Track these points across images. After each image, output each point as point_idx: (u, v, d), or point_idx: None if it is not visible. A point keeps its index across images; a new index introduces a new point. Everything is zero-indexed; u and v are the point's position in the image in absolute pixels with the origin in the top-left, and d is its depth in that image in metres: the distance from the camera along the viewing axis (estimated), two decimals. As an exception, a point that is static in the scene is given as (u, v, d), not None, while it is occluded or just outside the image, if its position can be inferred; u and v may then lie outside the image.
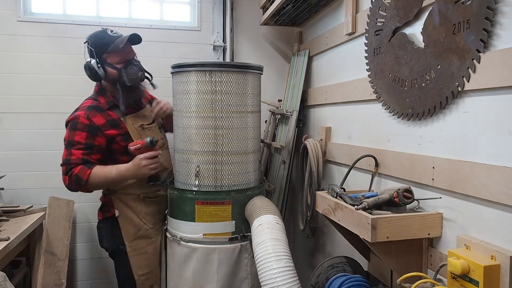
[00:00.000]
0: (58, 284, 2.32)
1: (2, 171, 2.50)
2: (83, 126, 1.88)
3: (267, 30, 2.92)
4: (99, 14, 2.73)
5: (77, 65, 2.61)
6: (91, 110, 1.93)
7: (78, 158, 1.87)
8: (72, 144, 1.88)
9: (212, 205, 1.87)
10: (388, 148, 1.63)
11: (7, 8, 2.53)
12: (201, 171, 1.90)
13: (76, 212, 2.65)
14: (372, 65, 1.71)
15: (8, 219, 2.21)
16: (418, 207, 1.40)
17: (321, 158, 2.10)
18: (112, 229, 1.96)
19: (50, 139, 2.62)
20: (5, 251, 1.83)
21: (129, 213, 1.95)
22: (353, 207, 1.36)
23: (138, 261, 1.97)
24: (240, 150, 1.93)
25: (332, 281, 1.57)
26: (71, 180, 1.87)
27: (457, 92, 1.24)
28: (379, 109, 1.68)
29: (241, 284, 1.88)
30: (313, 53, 2.47)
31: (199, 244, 1.86)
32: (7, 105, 2.56)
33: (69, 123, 1.92)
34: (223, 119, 1.88)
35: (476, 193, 1.16)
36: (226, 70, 1.88)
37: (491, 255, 1.08)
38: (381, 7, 1.63)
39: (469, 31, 1.17)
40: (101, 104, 1.97)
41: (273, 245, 1.61)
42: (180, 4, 2.91)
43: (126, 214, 1.95)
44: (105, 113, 1.95)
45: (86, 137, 1.88)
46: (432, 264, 1.36)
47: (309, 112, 2.56)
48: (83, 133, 1.88)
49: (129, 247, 1.95)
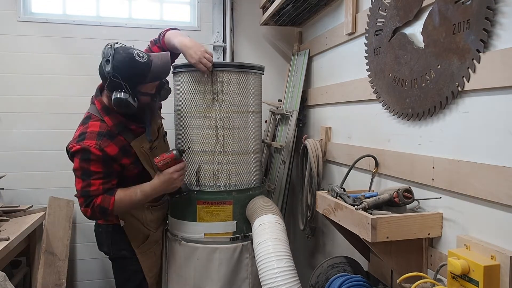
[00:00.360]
0: (58, 284, 2.33)
1: (2, 171, 2.50)
2: (97, 158, 1.66)
3: (267, 30, 2.92)
4: (99, 14, 2.73)
5: (77, 65, 2.63)
6: (102, 139, 1.68)
7: (99, 189, 1.68)
8: (90, 175, 1.67)
9: (213, 205, 1.87)
10: (388, 148, 1.63)
11: (7, 8, 2.54)
12: (202, 171, 1.90)
13: (76, 212, 2.65)
14: (372, 65, 1.71)
15: (8, 219, 2.21)
16: (418, 207, 1.41)
17: (321, 158, 2.10)
18: (113, 235, 1.89)
19: (50, 139, 2.62)
20: (5, 251, 1.83)
21: (134, 222, 1.88)
22: (353, 207, 1.37)
23: (149, 265, 1.93)
24: (241, 150, 1.93)
25: (332, 281, 1.57)
26: (95, 211, 1.68)
27: (457, 92, 1.24)
28: (379, 109, 1.68)
29: (241, 284, 1.88)
30: (313, 53, 2.47)
31: (200, 244, 1.86)
32: (7, 105, 2.56)
33: (78, 153, 1.66)
34: (224, 119, 1.88)
35: (476, 193, 1.16)
36: (227, 70, 1.88)
37: (491, 255, 1.08)
38: (381, 7, 1.63)
39: (469, 31, 1.17)
40: (110, 128, 1.72)
41: (274, 245, 1.61)
42: (180, 4, 2.91)
43: (132, 223, 1.88)
44: (117, 139, 1.72)
45: (103, 166, 1.68)
46: (432, 264, 1.36)
47: (309, 112, 2.56)
48: (99, 164, 1.67)
49: (139, 254, 1.89)
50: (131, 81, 1.63)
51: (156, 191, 1.75)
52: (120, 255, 1.91)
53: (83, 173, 1.67)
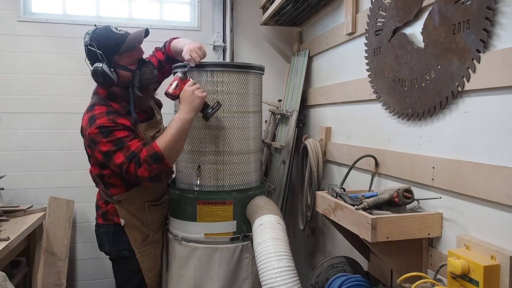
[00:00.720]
0: (58, 284, 2.33)
1: (2, 171, 2.50)
2: (116, 127, 1.69)
3: (267, 30, 2.92)
4: (99, 14, 2.73)
5: (77, 65, 2.63)
6: (112, 115, 1.72)
7: (138, 145, 1.68)
8: (122, 141, 1.67)
9: (213, 205, 1.87)
10: (388, 148, 1.63)
11: (7, 8, 2.54)
12: (202, 171, 1.90)
13: (76, 212, 2.66)
14: (372, 65, 1.71)
15: (8, 219, 2.21)
16: (418, 207, 1.41)
17: (321, 158, 2.10)
18: (114, 235, 1.89)
19: (50, 139, 2.63)
20: (5, 251, 1.83)
21: (135, 222, 1.88)
22: (353, 207, 1.37)
23: (148, 265, 1.93)
24: (241, 150, 1.93)
25: (332, 281, 1.57)
26: (149, 163, 1.65)
27: (457, 92, 1.24)
28: (379, 109, 1.68)
29: (242, 284, 1.88)
30: (313, 53, 2.47)
31: (200, 244, 1.86)
32: (7, 105, 2.56)
33: (98, 134, 1.67)
34: (224, 119, 1.88)
35: (476, 193, 1.16)
36: (227, 70, 1.88)
37: (491, 255, 1.08)
38: (381, 7, 1.63)
39: (469, 31, 1.17)
40: (117, 110, 1.77)
41: (274, 245, 1.61)
42: (180, 4, 2.92)
43: (132, 223, 1.88)
44: (125, 117, 1.76)
45: (126, 130, 1.71)
46: (432, 264, 1.36)
47: (309, 112, 2.56)
48: (121, 130, 1.69)
49: (138, 254, 1.89)
50: (106, 49, 1.69)
51: (185, 114, 1.71)
52: (121, 255, 1.91)
53: (116, 144, 1.67)
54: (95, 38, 1.70)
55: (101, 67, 1.69)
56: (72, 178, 2.65)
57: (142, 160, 1.65)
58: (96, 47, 1.69)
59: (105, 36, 1.71)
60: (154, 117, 1.96)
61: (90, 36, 1.72)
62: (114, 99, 1.79)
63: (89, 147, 1.77)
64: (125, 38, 1.72)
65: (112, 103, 1.78)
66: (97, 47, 1.69)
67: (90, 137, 1.70)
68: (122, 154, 1.66)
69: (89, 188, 2.13)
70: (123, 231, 1.86)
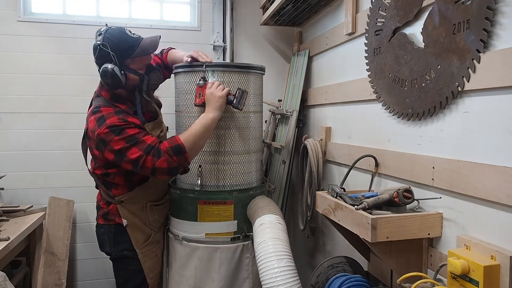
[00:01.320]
0: (58, 284, 2.33)
1: (2, 171, 2.50)
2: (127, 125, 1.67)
3: (267, 30, 2.92)
4: (99, 14, 2.73)
5: (77, 65, 2.64)
6: (120, 114, 1.71)
7: (153, 139, 1.68)
8: (135, 137, 1.65)
9: (214, 204, 1.87)
10: (388, 148, 1.63)
11: (7, 8, 2.54)
12: (203, 171, 1.90)
13: (76, 212, 2.66)
14: (372, 65, 1.71)
15: (8, 219, 2.21)
16: (418, 207, 1.41)
17: (321, 158, 2.10)
18: (115, 236, 1.89)
19: (50, 139, 2.63)
20: (5, 251, 1.83)
21: (137, 222, 1.88)
22: (353, 207, 1.37)
23: (150, 265, 1.93)
24: (242, 150, 1.93)
25: (332, 281, 1.57)
26: (170, 155, 1.63)
27: (457, 92, 1.24)
28: (379, 109, 1.68)
29: (242, 283, 1.88)
30: (313, 53, 2.47)
31: (201, 244, 1.86)
32: (7, 105, 2.56)
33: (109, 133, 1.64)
34: (225, 119, 1.88)
35: (476, 193, 1.17)
36: (228, 70, 1.88)
37: (491, 255, 1.08)
38: (381, 7, 1.63)
39: (469, 31, 1.17)
40: (125, 110, 1.77)
41: (274, 245, 1.61)
42: (180, 4, 2.91)
43: (134, 223, 1.88)
44: (134, 117, 1.76)
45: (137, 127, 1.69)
46: (432, 264, 1.36)
47: (309, 112, 2.56)
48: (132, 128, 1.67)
49: (140, 254, 1.89)
50: (119, 51, 1.68)
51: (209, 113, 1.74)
52: (122, 255, 1.91)
53: (129, 140, 1.64)
54: (109, 39, 1.68)
55: (111, 68, 1.67)
56: (72, 178, 2.65)
57: (163, 151, 1.64)
58: (110, 48, 1.67)
59: (119, 37, 1.70)
60: (158, 116, 1.97)
61: (103, 36, 1.69)
62: (119, 100, 1.79)
63: (96, 148, 1.74)
64: (139, 42, 1.72)
65: (117, 104, 1.78)
66: (110, 48, 1.67)
67: (99, 138, 1.66)
68: (137, 149, 1.64)
69: (89, 188, 2.13)
70: (124, 231, 1.86)
